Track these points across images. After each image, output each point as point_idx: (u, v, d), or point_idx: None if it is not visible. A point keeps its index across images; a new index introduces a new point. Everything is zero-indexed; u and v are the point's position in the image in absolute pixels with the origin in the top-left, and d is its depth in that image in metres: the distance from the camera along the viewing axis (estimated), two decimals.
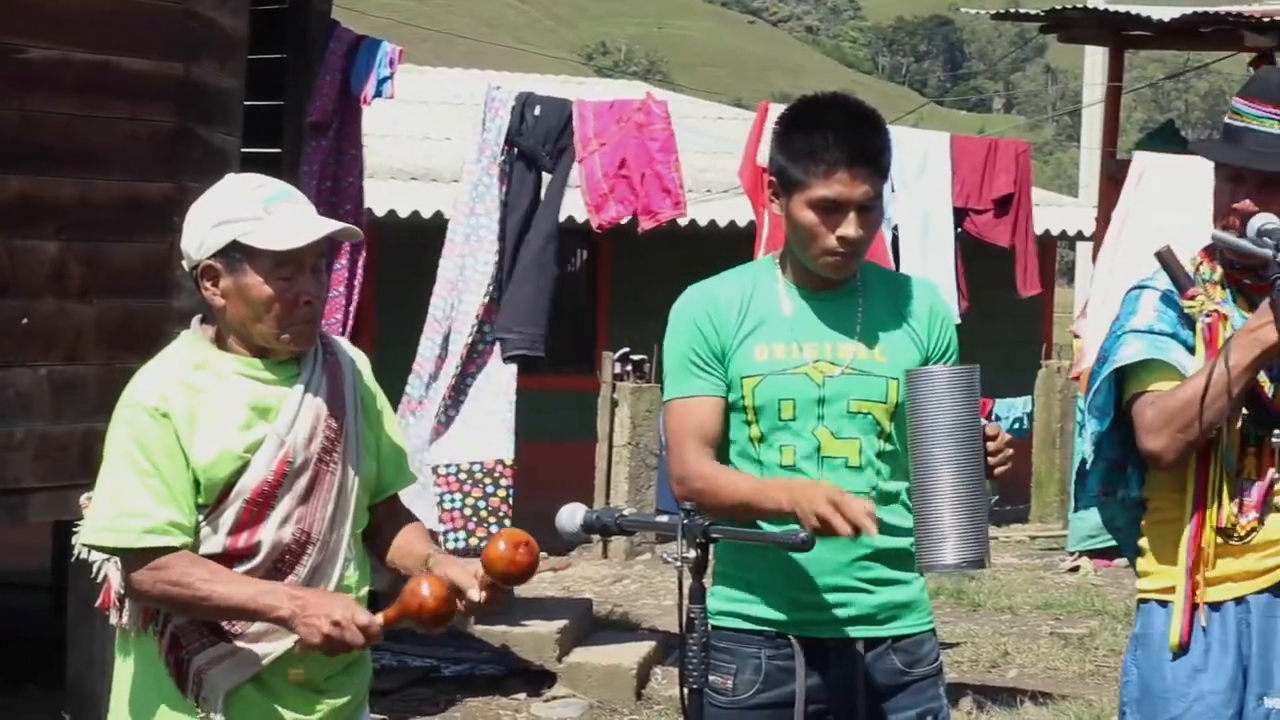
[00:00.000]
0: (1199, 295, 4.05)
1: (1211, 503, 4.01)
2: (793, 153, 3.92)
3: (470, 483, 9.13)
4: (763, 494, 3.86)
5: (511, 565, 3.61)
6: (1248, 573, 4.01)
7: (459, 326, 9.10)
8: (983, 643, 10.48)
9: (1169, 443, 3.94)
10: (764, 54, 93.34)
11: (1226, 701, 4.01)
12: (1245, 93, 4.08)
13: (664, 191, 9.19)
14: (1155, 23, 14.92)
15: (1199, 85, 71.61)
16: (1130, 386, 4.04)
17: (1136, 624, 4.19)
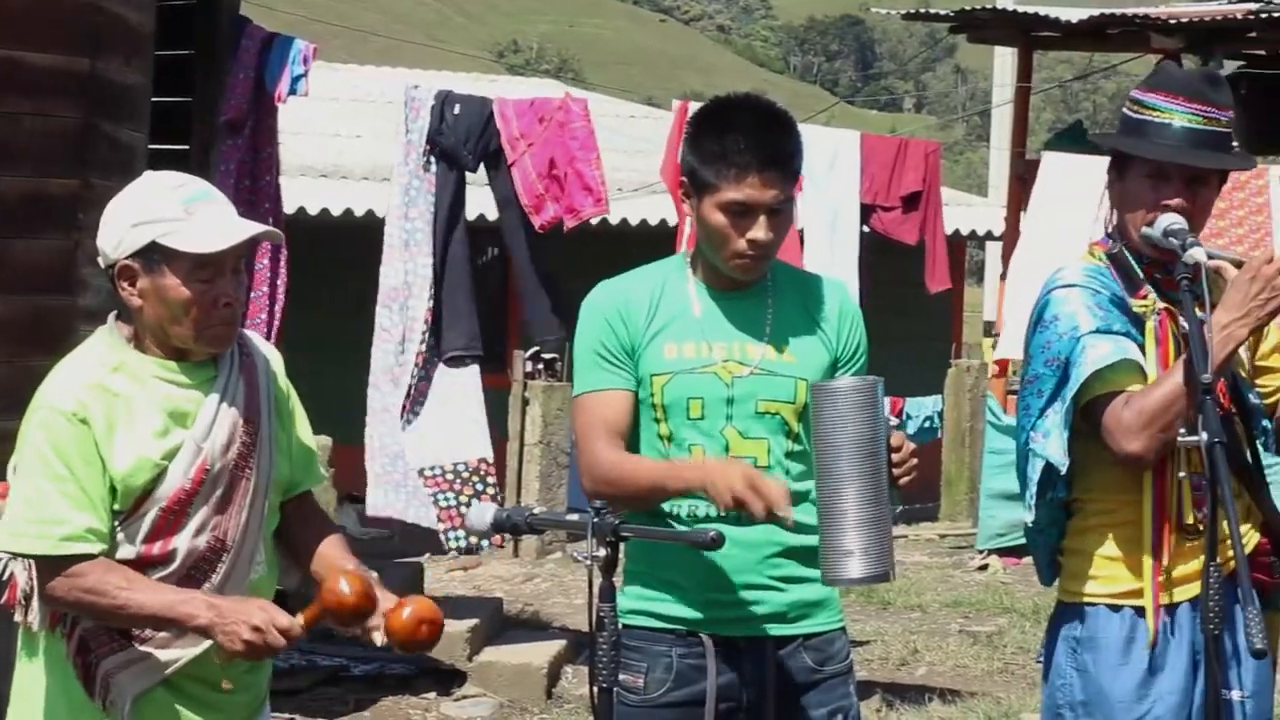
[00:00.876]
0: (1150, 294, 4.06)
1: (1172, 502, 4.02)
2: (704, 155, 3.93)
3: (459, 481, 9.14)
4: (674, 474, 3.87)
5: (411, 638, 3.62)
6: (1199, 572, 4.02)
7: (410, 334, 9.09)
8: (892, 641, 10.52)
9: (1149, 443, 3.92)
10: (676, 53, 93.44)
11: (1183, 702, 4.02)
12: (1156, 87, 4.08)
13: (585, 190, 9.20)
14: (1063, 24, 15.03)
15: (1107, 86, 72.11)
16: (1094, 389, 4.00)
17: (1075, 627, 4.13)
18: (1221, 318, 3.86)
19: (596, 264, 5.44)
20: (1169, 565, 4.02)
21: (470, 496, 9.14)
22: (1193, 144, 4.01)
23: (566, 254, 14.84)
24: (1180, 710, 4.01)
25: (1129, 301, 4.04)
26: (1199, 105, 4.03)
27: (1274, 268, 3.83)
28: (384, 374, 9.13)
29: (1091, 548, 4.12)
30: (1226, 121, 4.05)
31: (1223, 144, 4.05)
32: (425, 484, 9.09)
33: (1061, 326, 4.03)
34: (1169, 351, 3.99)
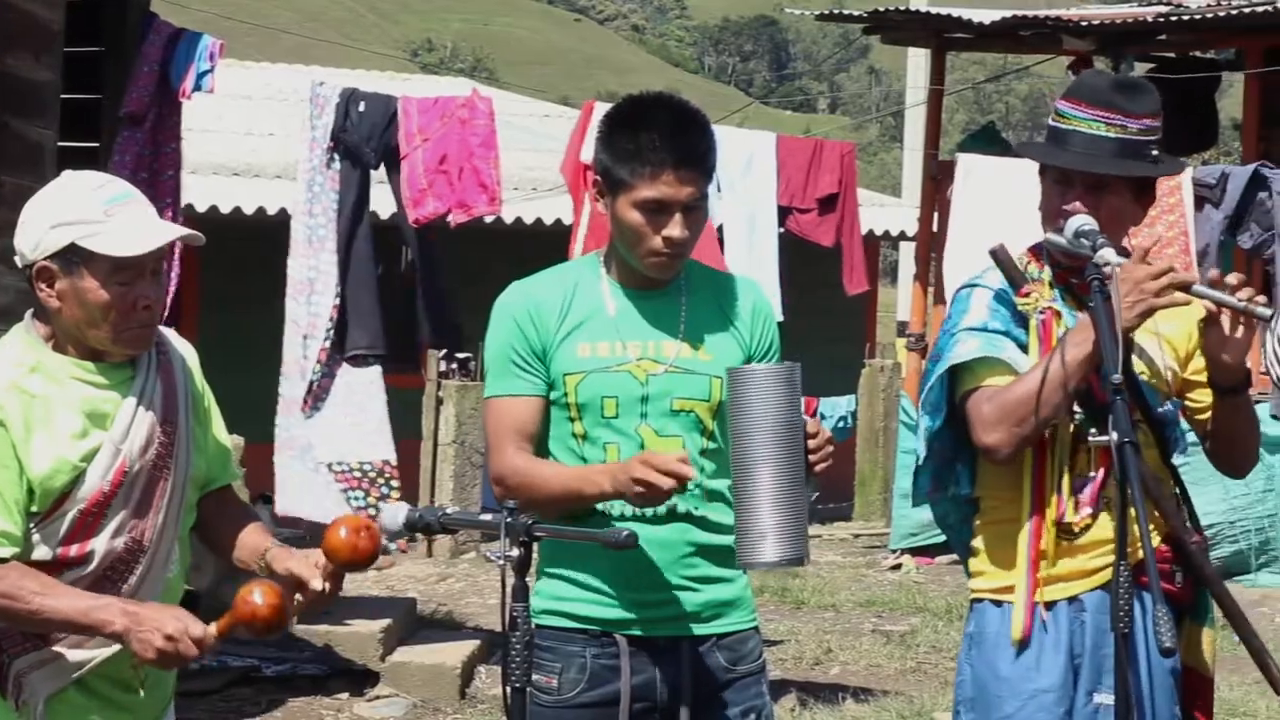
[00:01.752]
0: (1033, 293, 4.09)
1: (1050, 499, 4.05)
2: (618, 153, 3.92)
3: (367, 480, 9.12)
4: (585, 480, 3.87)
5: (355, 553, 3.60)
6: (1080, 572, 4.05)
7: (313, 330, 9.06)
8: (806, 640, 10.54)
9: (1005, 437, 3.97)
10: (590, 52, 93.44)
11: (1059, 700, 4.05)
12: (1069, 95, 4.12)
13: (480, 187, 9.18)
14: (976, 25, 15.12)
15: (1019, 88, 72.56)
16: (964, 383, 4.06)
17: (970, 623, 4.20)
18: (1086, 318, 3.90)
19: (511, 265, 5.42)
20: (1047, 564, 4.04)
21: (377, 499, 9.11)
22: (1098, 151, 4.03)
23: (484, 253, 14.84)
24: (1055, 709, 4.04)
25: (1015, 300, 4.08)
26: (1105, 113, 4.05)
27: (1144, 271, 3.86)
28: (294, 365, 9.10)
29: (982, 544, 4.19)
30: (1138, 129, 4.06)
31: (1133, 151, 4.06)
32: (336, 479, 9.06)
33: (949, 323, 4.12)
34: (1050, 350, 4.02)
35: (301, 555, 3.70)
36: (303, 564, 3.66)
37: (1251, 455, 4.22)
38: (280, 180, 16.21)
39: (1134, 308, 3.86)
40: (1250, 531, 12.55)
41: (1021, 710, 4.05)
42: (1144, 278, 3.86)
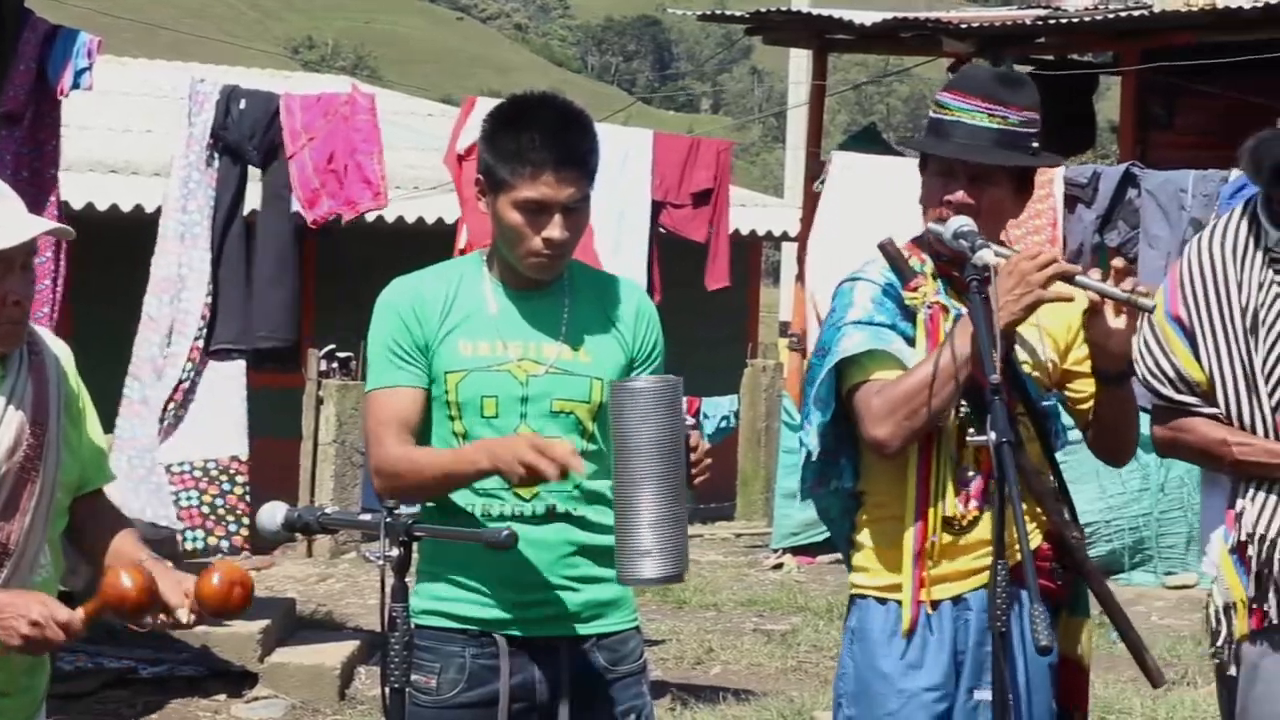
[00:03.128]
0: (921, 287, 4.11)
1: (936, 495, 4.06)
2: (500, 153, 3.91)
3: (206, 480, 9.02)
4: (462, 459, 3.86)
5: (225, 604, 3.57)
6: (964, 571, 4.07)
7: (181, 327, 8.97)
8: (687, 640, 10.56)
9: (895, 430, 3.98)
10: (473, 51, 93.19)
11: (941, 698, 4.07)
12: (951, 87, 4.15)
13: (364, 183, 9.14)
14: (857, 27, 15.20)
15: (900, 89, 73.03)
16: (852, 377, 4.07)
17: (852, 618, 4.21)
18: (970, 320, 3.93)
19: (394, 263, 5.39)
20: (932, 562, 4.07)
21: (215, 496, 9.03)
22: (980, 142, 4.07)
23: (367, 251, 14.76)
24: (937, 706, 4.07)
25: (903, 294, 4.10)
26: (987, 104, 4.09)
27: (1032, 264, 3.90)
28: (146, 365, 9.00)
29: (866, 539, 4.20)
30: (1019, 121, 4.10)
31: (1015, 143, 4.10)
32: (171, 481, 8.96)
33: (834, 317, 4.12)
34: (937, 344, 4.05)
35: (174, 580, 3.64)
36: (174, 590, 3.61)
37: (1132, 443, 4.27)
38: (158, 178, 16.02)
39: (1020, 300, 3.90)
40: (1125, 531, 12.68)
41: (904, 708, 4.07)
42: (1030, 270, 3.89)
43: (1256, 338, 4.23)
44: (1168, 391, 4.32)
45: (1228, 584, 4.30)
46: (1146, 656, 4.19)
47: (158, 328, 9.00)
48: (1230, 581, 4.29)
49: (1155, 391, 4.35)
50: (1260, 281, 4.24)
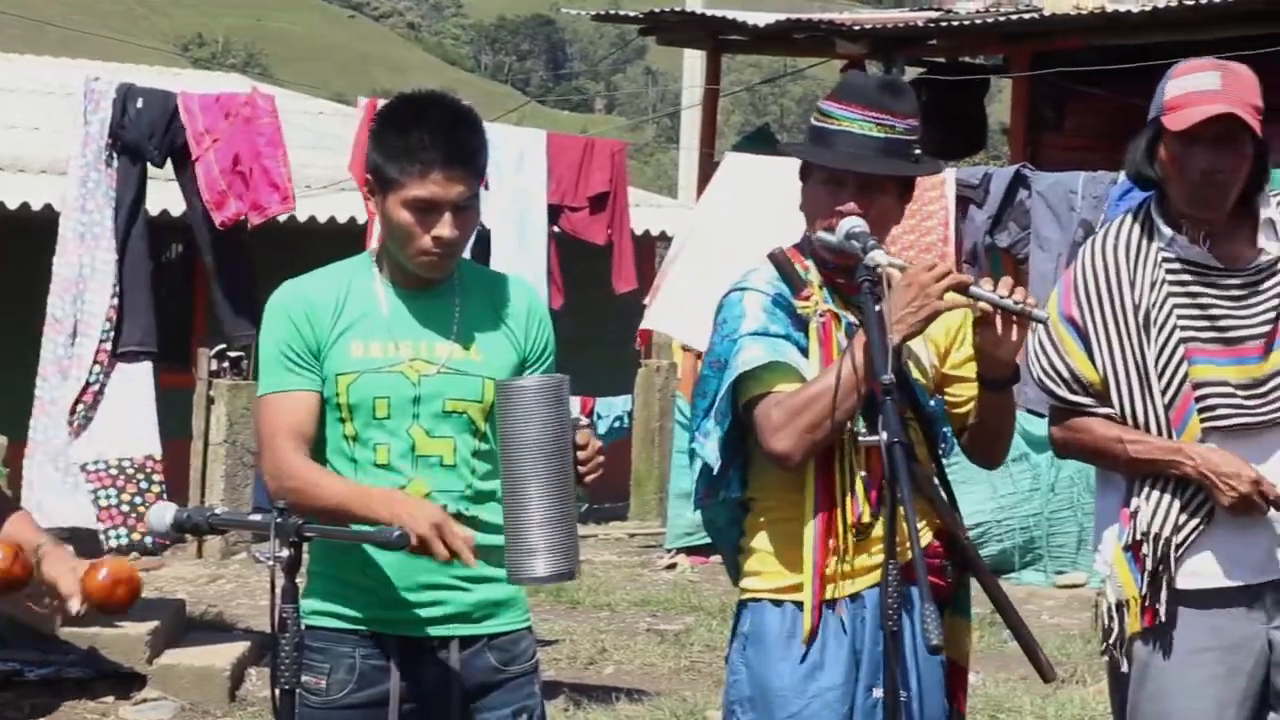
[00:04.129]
0: (813, 295, 4.11)
1: (841, 500, 4.06)
2: (388, 151, 3.90)
3: (123, 478, 8.94)
4: (363, 502, 3.83)
5: (108, 600, 3.53)
6: (861, 569, 4.07)
7: (85, 329, 8.88)
8: (580, 640, 10.54)
9: (797, 442, 3.97)
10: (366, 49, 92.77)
11: (842, 697, 4.07)
12: (835, 96, 4.15)
13: (272, 186, 9.09)
14: (750, 28, 15.26)
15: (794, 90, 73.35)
16: (749, 389, 4.04)
17: (745, 622, 4.19)
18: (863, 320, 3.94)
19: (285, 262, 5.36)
20: (831, 562, 4.07)
21: (134, 494, 8.96)
22: (867, 151, 4.07)
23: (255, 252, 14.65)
24: (839, 706, 4.07)
25: (794, 303, 4.10)
26: (874, 113, 4.09)
27: (929, 276, 3.91)
28: (52, 365, 8.92)
29: (760, 545, 4.18)
30: (904, 129, 4.10)
31: (900, 151, 4.10)
32: (87, 479, 8.89)
33: (727, 329, 4.10)
34: (831, 353, 4.05)
35: (69, 568, 3.60)
36: (69, 579, 3.56)
37: (1006, 448, 4.30)
38: (46, 175, 15.88)
39: (919, 312, 3.90)
40: (1016, 530, 12.77)
41: (807, 708, 4.07)
42: (929, 281, 3.90)
43: (1149, 336, 4.28)
44: (1062, 392, 4.36)
45: (1120, 582, 4.34)
46: (1038, 652, 4.22)
47: (62, 329, 8.92)
48: (1123, 580, 4.33)
49: (1050, 392, 4.38)
50: (1153, 280, 4.29)
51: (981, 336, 4.01)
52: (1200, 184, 4.22)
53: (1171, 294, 4.29)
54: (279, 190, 9.08)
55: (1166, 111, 4.24)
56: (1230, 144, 4.20)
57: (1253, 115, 4.20)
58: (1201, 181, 4.21)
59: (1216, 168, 4.20)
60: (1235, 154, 4.21)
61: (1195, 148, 4.20)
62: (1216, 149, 4.20)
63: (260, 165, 9.06)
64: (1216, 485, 4.21)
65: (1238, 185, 4.25)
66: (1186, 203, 4.26)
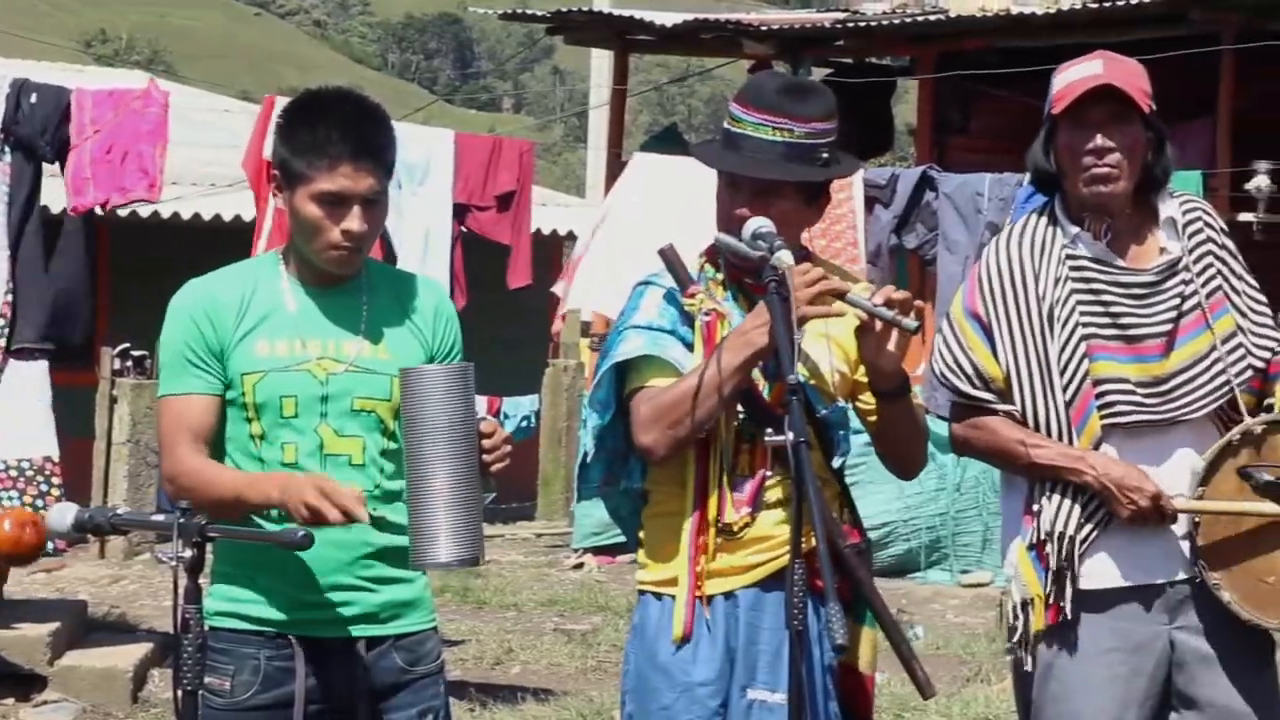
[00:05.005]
0: (699, 294, 4.11)
1: (712, 498, 4.07)
2: (296, 146, 3.88)
3: (23, 480, 8.82)
4: (253, 487, 3.84)
5: (18, 546, 3.50)
6: (738, 568, 4.09)
7: None
8: (487, 640, 10.52)
9: (660, 438, 4.00)
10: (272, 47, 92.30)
11: (714, 693, 4.08)
12: (740, 99, 4.14)
13: (141, 172, 9.00)
14: (658, 28, 15.27)
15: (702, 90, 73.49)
16: (631, 380, 4.08)
17: (636, 614, 4.23)
18: (744, 324, 3.96)
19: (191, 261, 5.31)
20: (707, 559, 4.08)
21: (35, 496, 8.86)
22: (766, 156, 4.06)
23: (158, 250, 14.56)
24: (710, 702, 4.08)
25: (681, 300, 4.11)
26: (771, 117, 4.07)
27: (798, 280, 3.90)
28: None
29: (649, 537, 4.21)
30: (804, 133, 4.07)
31: (801, 155, 4.08)
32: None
33: (621, 320, 4.14)
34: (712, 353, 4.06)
35: None
36: None
37: (918, 458, 4.29)
38: None
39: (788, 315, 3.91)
40: (922, 530, 12.84)
41: (678, 702, 4.08)
42: (799, 287, 3.89)
43: (1052, 332, 4.31)
44: (964, 387, 4.38)
45: (1025, 581, 4.37)
46: (915, 666, 4.23)
47: None
48: (1028, 578, 4.36)
49: (952, 387, 4.40)
50: (1057, 277, 4.33)
51: (863, 346, 4.02)
52: (1091, 165, 4.26)
53: (1075, 291, 4.33)
54: (148, 177, 8.99)
55: (1055, 102, 4.30)
56: (1118, 123, 4.26)
57: (1140, 95, 4.25)
58: (1092, 162, 4.26)
59: (1106, 145, 4.25)
60: (1124, 133, 4.27)
61: (1083, 129, 4.27)
62: (1103, 128, 4.25)
63: (135, 151, 8.97)
64: (1116, 497, 4.25)
65: (1133, 168, 4.29)
66: (1081, 187, 4.29)
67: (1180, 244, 4.38)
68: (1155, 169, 4.34)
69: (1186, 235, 4.40)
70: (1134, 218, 4.37)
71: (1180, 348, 4.33)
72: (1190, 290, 4.35)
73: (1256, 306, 4.43)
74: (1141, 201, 4.37)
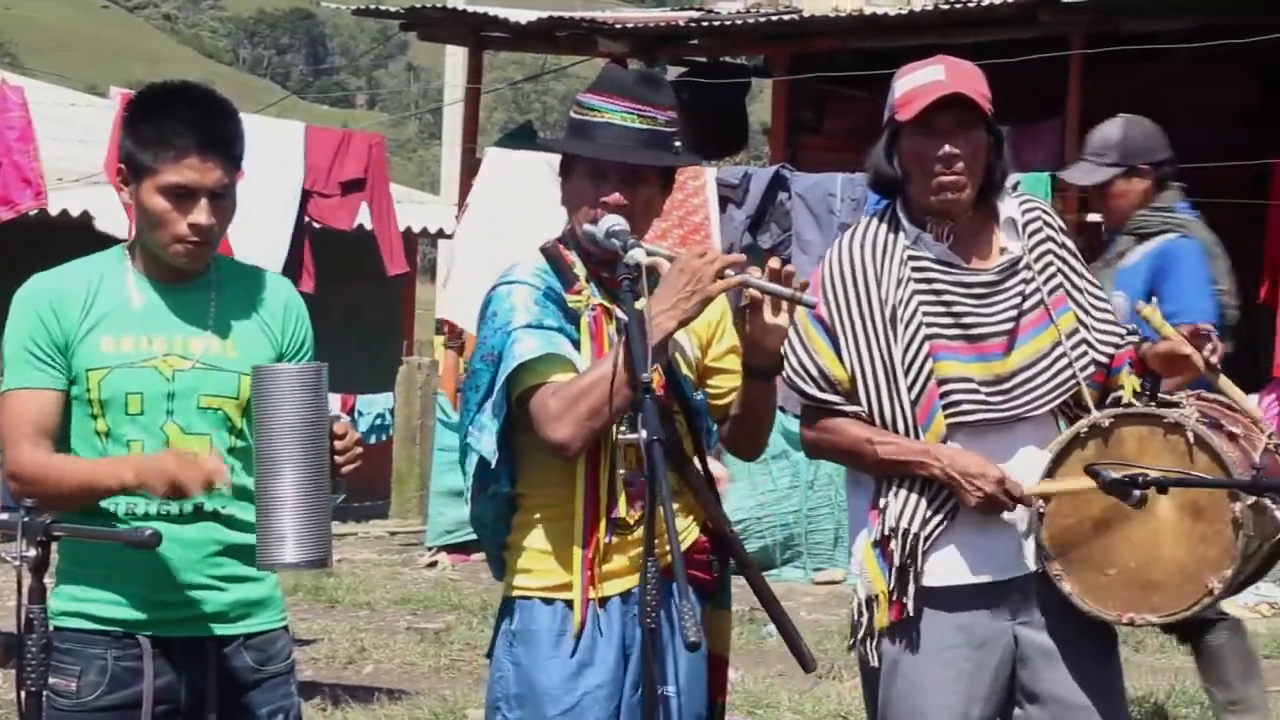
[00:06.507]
0: (584, 290, 4.10)
1: (605, 497, 4.06)
2: (142, 139, 3.86)
3: None
4: (106, 472, 3.80)
5: None
6: (632, 566, 4.07)
7: None
8: (339, 639, 10.46)
9: (576, 430, 3.95)
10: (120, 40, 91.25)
11: (611, 694, 4.07)
12: (596, 89, 4.15)
13: (24, 182, 8.89)
14: (513, 25, 15.23)
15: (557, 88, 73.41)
16: (524, 381, 4.01)
17: (513, 620, 4.16)
18: (650, 310, 3.94)
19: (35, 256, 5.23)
20: (600, 560, 4.07)
21: None
22: (630, 143, 4.08)
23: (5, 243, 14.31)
24: (609, 703, 4.07)
25: (565, 297, 4.10)
26: (636, 105, 4.10)
27: (701, 261, 3.93)
28: None
29: (529, 542, 4.16)
30: (665, 121, 4.12)
31: (662, 143, 4.12)
32: None
33: (498, 322, 4.07)
34: (603, 346, 4.07)
35: None
36: None
37: (766, 439, 4.32)
38: None
39: (692, 297, 3.91)
40: (776, 527, 12.91)
41: (576, 706, 4.06)
42: (701, 266, 3.91)
43: (895, 333, 4.35)
44: (811, 390, 4.41)
45: (870, 577, 4.40)
46: (800, 643, 4.26)
47: None
48: (872, 575, 4.40)
49: (800, 391, 4.43)
50: (899, 278, 4.37)
51: (751, 324, 4.03)
52: (938, 172, 4.30)
53: (917, 292, 4.37)
54: (31, 186, 8.90)
55: (898, 108, 4.34)
56: (963, 130, 4.31)
57: (982, 101, 4.30)
58: (939, 169, 4.30)
59: (952, 152, 4.29)
60: (969, 140, 4.32)
61: (930, 137, 4.31)
62: (950, 135, 4.30)
63: (11, 160, 8.86)
64: (962, 485, 4.30)
65: (977, 173, 4.35)
66: (927, 194, 4.34)
67: (1020, 243, 4.44)
68: (996, 171, 4.40)
69: (1026, 234, 4.45)
70: (975, 218, 4.43)
71: (1021, 346, 4.39)
72: (1031, 289, 4.41)
73: (1098, 304, 4.50)
74: (982, 202, 4.42)
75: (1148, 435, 4.30)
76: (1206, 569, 4.24)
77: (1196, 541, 4.25)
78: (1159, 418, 4.31)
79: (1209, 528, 4.24)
